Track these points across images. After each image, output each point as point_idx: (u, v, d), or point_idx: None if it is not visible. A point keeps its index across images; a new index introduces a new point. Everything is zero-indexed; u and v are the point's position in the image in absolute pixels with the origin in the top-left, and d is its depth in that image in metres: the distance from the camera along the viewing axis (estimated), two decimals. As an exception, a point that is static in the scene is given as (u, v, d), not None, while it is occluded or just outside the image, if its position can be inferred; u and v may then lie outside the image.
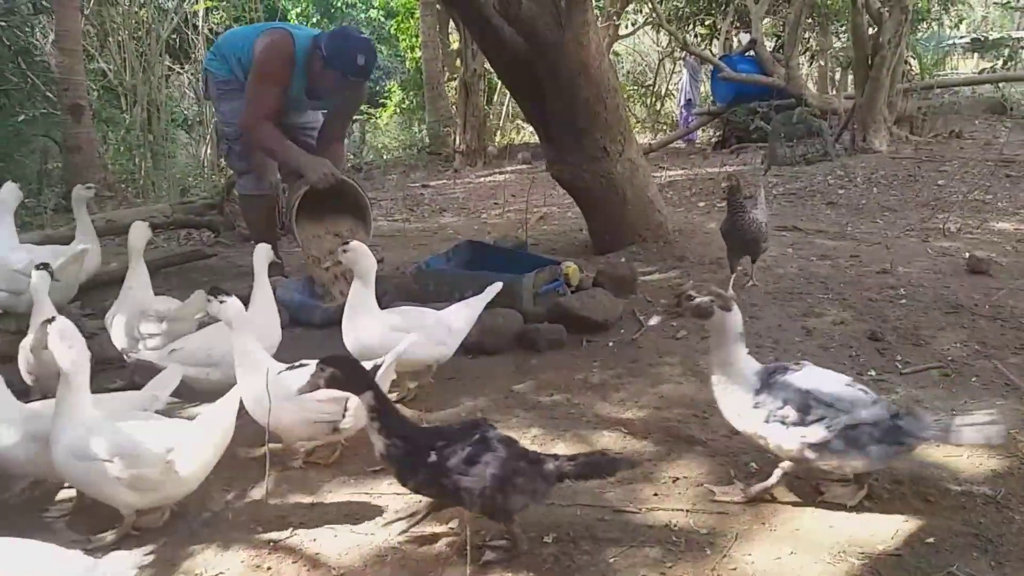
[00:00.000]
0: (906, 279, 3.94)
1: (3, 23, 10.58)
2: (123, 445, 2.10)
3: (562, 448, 2.53)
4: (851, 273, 4.10)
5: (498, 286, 3.05)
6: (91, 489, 2.17)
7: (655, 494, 2.26)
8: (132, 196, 10.04)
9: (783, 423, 1.98)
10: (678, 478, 2.33)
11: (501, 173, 11.28)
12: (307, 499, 2.36)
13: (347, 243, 2.89)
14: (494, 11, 3.90)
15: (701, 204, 6.74)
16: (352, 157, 14.08)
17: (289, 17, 14.65)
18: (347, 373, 1.99)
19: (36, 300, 3.11)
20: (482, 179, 10.82)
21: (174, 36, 13.32)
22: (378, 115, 17.28)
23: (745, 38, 13.39)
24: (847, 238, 4.88)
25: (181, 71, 15.87)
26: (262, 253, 3.20)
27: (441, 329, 2.89)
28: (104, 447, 2.09)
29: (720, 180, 7.58)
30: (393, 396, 2.98)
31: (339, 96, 4.06)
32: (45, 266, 3.18)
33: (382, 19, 18.93)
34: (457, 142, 12.37)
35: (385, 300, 3.28)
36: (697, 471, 2.37)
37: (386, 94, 17.62)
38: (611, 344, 3.35)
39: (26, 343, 2.90)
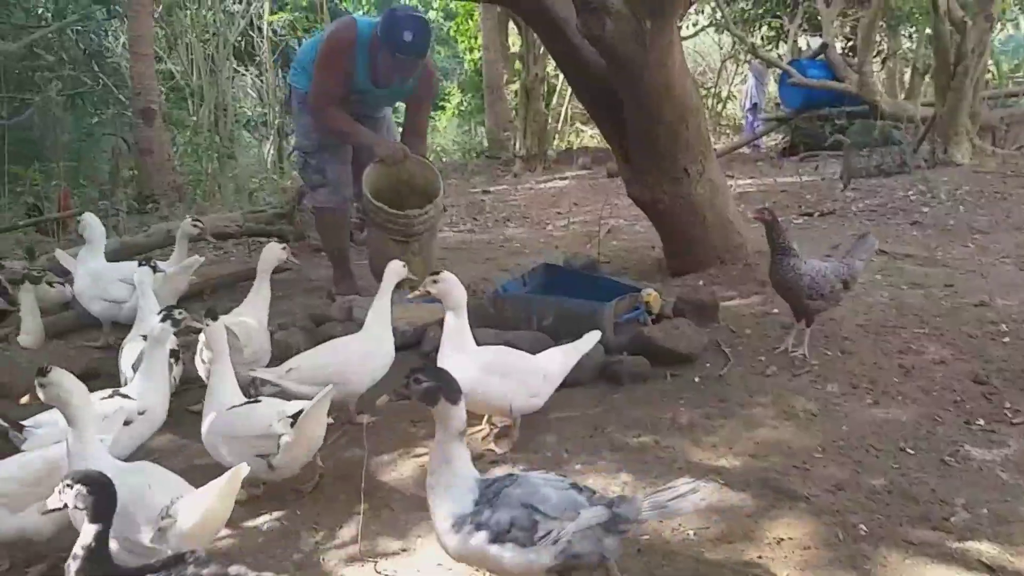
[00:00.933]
0: (1007, 313, 3.72)
1: (79, 28, 10.89)
2: None
3: (655, 497, 2.44)
4: (946, 305, 3.89)
5: (597, 335, 2.96)
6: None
7: (759, 556, 2.15)
8: (201, 200, 10.22)
9: (510, 544, 1.77)
10: (782, 539, 2.22)
11: (561, 179, 11.17)
12: (397, 543, 2.32)
13: (436, 274, 2.83)
14: (576, 31, 3.81)
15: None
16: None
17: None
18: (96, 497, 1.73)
19: (142, 295, 3.16)
20: (542, 185, 10.74)
21: (239, 39, 13.55)
22: (437, 117, 17.33)
23: (814, 41, 13.04)
24: (938, 264, 4.66)
25: (245, 72, 16.16)
26: (393, 270, 3.17)
27: (536, 378, 2.79)
28: None
29: (801, 192, 7.36)
30: (476, 431, 2.92)
31: (400, 82, 4.05)
32: (147, 260, 3.24)
33: (441, 20, 18.97)
34: (517, 147, 12.30)
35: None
36: (801, 531, 2.25)
37: (445, 96, 17.65)
38: (697, 379, 3.23)
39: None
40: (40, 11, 10.68)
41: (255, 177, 12.15)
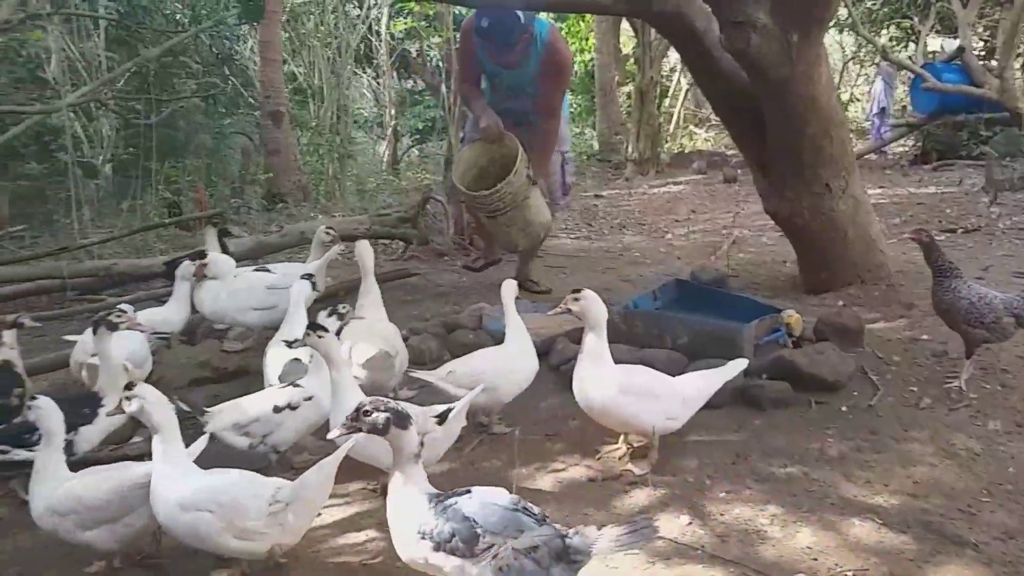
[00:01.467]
0: None
1: (213, 33, 11.44)
2: None
3: (807, 535, 2.35)
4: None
5: (743, 363, 2.89)
6: None
7: (928, 607, 2.05)
8: (323, 199, 10.60)
9: (452, 554, 1.83)
10: (952, 589, 2.11)
11: (675, 183, 11.00)
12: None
13: (578, 291, 2.82)
14: (715, 42, 3.72)
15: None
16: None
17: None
18: None
19: (294, 304, 3.31)
20: (656, 189, 10.60)
21: (359, 44, 13.98)
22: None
23: (949, 44, 12.33)
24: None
25: (363, 74, 16.67)
26: (509, 288, 3.21)
27: (674, 401, 2.75)
28: None
29: (940, 205, 6.98)
30: (612, 450, 2.90)
31: (522, 64, 4.31)
32: (309, 276, 3.36)
33: (552, 20, 18.97)
34: (629, 150, 12.18)
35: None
36: (973, 582, 2.13)
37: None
38: (844, 409, 3.10)
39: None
40: (178, 17, 11.27)
41: (372, 178, 12.54)
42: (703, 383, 2.83)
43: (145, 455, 2.49)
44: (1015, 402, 3.07)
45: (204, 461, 2.37)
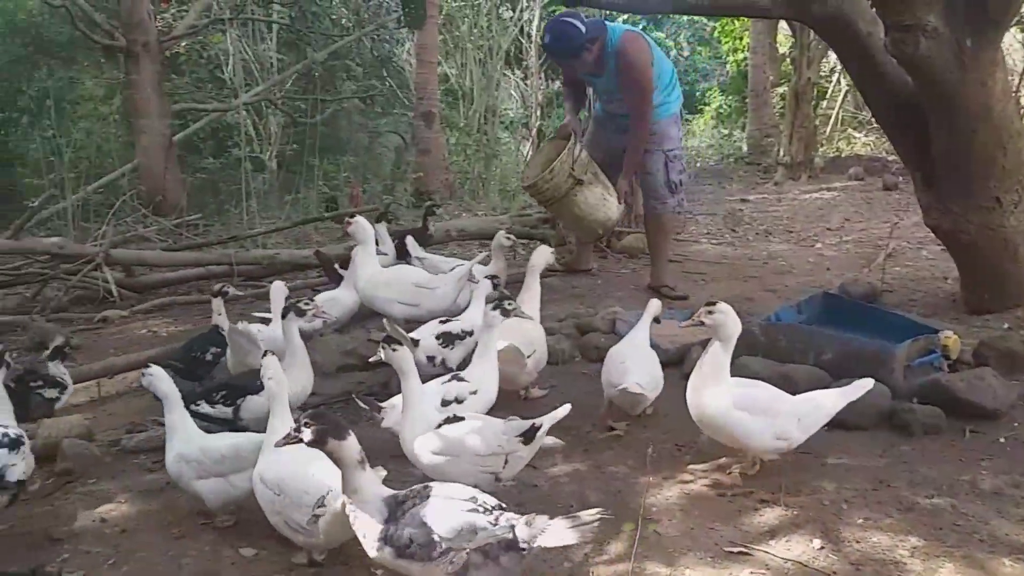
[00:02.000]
0: None
1: (374, 36, 12.05)
2: None
3: (950, 572, 2.22)
4: None
5: (868, 383, 2.75)
6: None
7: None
8: (468, 198, 10.92)
9: (412, 559, 1.92)
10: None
11: (829, 189, 10.50)
12: (665, 569, 2.33)
13: (712, 303, 2.78)
14: (882, 48, 3.54)
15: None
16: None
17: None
18: None
19: (476, 299, 3.58)
20: (807, 195, 10.16)
21: (510, 45, 14.25)
22: (694, 120, 17.02)
23: None
24: None
25: (512, 75, 16.98)
26: (653, 306, 3.37)
27: (788, 421, 2.65)
28: None
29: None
30: (745, 466, 2.84)
31: (605, 73, 4.56)
32: (493, 277, 3.60)
33: (705, 19, 18.56)
34: (781, 153, 11.72)
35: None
36: None
37: (705, 99, 17.27)
38: (1003, 440, 2.89)
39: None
40: (343, 21, 11.92)
41: (515, 178, 12.77)
42: (824, 403, 2.72)
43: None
44: None
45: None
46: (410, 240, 5.05)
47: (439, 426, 2.56)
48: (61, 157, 8.65)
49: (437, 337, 3.48)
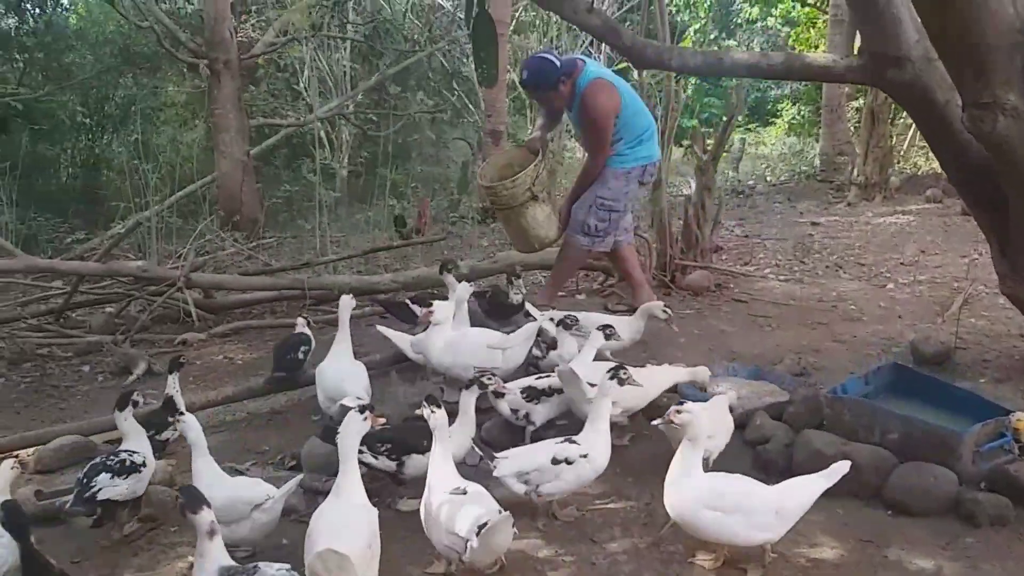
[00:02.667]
0: None
1: (446, 49, 12.21)
2: None
3: None
4: None
5: (845, 466, 2.71)
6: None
7: None
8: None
9: None
10: None
11: (904, 212, 10.20)
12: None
13: (681, 404, 2.84)
14: (959, 118, 3.46)
15: None
16: (730, 175, 13.83)
17: (687, 34, 14.72)
18: None
19: (588, 347, 3.65)
20: (881, 219, 9.89)
21: (579, 55, 14.22)
22: (764, 132, 16.68)
23: None
24: None
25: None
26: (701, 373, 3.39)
27: (766, 513, 2.63)
28: None
29: None
30: (706, 559, 2.80)
31: (574, 107, 4.78)
32: (605, 327, 3.70)
33: (779, 27, 18.19)
34: (855, 172, 11.42)
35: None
36: None
37: (777, 109, 16.92)
38: (1077, 538, 2.82)
39: None
40: (415, 36, 12.11)
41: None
42: (802, 492, 2.69)
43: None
44: None
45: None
46: (530, 307, 4.66)
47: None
48: (144, 161, 9.06)
49: (523, 391, 3.54)
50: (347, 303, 4.06)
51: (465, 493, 2.66)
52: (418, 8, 12.06)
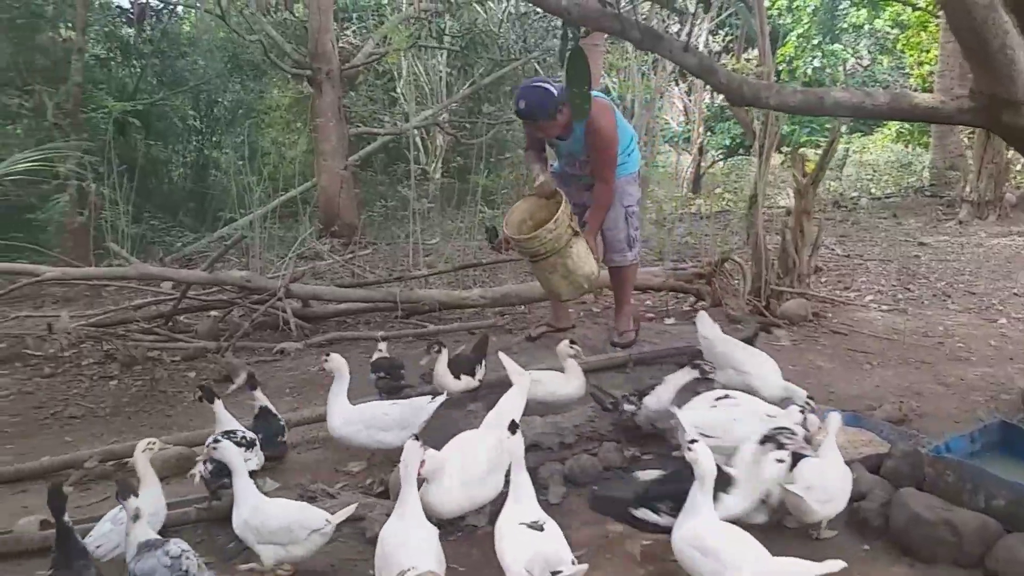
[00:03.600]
0: None
1: (541, 57, 12.22)
2: None
3: None
4: None
5: (838, 565, 2.52)
6: None
7: None
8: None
9: None
10: None
11: (1020, 234, 9.64)
12: None
13: (694, 441, 2.80)
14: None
15: None
16: (831, 187, 13.32)
17: (788, 39, 14.26)
18: None
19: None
20: (994, 240, 9.38)
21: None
22: (871, 139, 16.01)
23: None
24: None
25: (676, 88, 16.71)
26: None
27: (736, 573, 2.52)
28: None
29: None
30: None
31: (572, 136, 4.63)
32: (698, 365, 3.75)
33: (888, 29, 17.41)
34: (967, 189, 10.85)
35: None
36: None
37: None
38: None
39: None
40: (510, 45, 12.16)
41: (672, 201, 12.53)
42: (785, 570, 2.58)
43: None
44: None
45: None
46: (703, 316, 4.40)
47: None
48: (249, 163, 9.45)
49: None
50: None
51: (542, 529, 2.65)
52: (513, 17, 12.12)
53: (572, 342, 4.13)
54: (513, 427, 2.87)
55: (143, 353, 5.88)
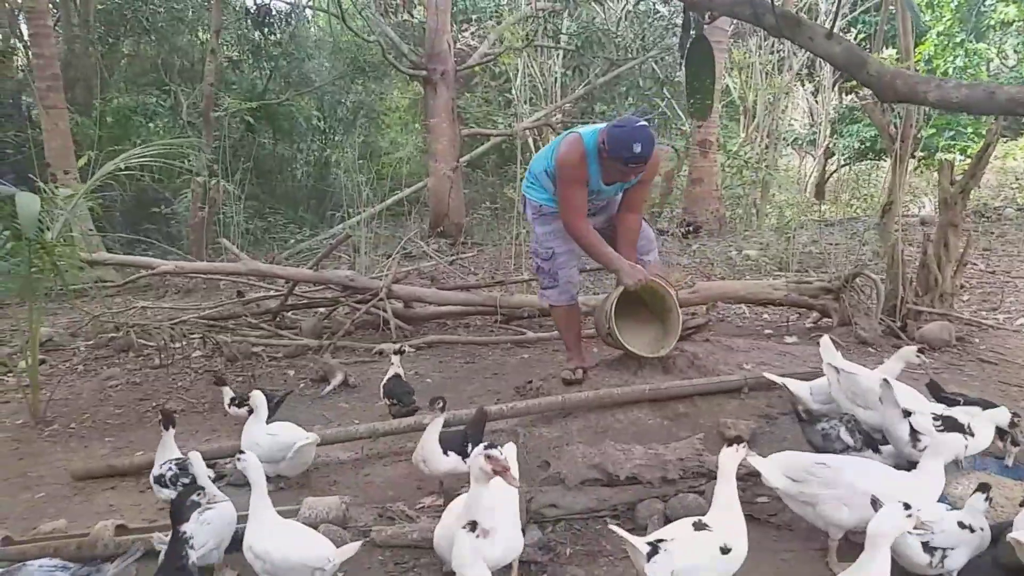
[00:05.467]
0: None
1: (659, 56, 11.80)
2: None
3: None
4: None
5: None
6: None
7: None
8: (742, 228, 10.34)
9: None
10: None
11: None
12: None
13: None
14: None
15: None
16: (971, 196, 12.18)
17: (928, 36, 13.18)
18: None
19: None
20: None
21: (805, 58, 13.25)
22: (1009, 146, 14.58)
23: None
24: None
25: (802, 88, 15.82)
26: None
27: None
28: None
29: None
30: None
31: (628, 179, 4.24)
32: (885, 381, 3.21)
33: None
34: None
35: None
36: None
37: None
38: None
39: None
40: (628, 44, 11.79)
41: (795, 206, 11.81)
42: None
43: None
44: None
45: None
46: (825, 341, 3.68)
47: None
48: (369, 162, 9.55)
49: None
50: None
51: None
52: (632, 15, 11.75)
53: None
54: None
55: (247, 349, 5.94)
